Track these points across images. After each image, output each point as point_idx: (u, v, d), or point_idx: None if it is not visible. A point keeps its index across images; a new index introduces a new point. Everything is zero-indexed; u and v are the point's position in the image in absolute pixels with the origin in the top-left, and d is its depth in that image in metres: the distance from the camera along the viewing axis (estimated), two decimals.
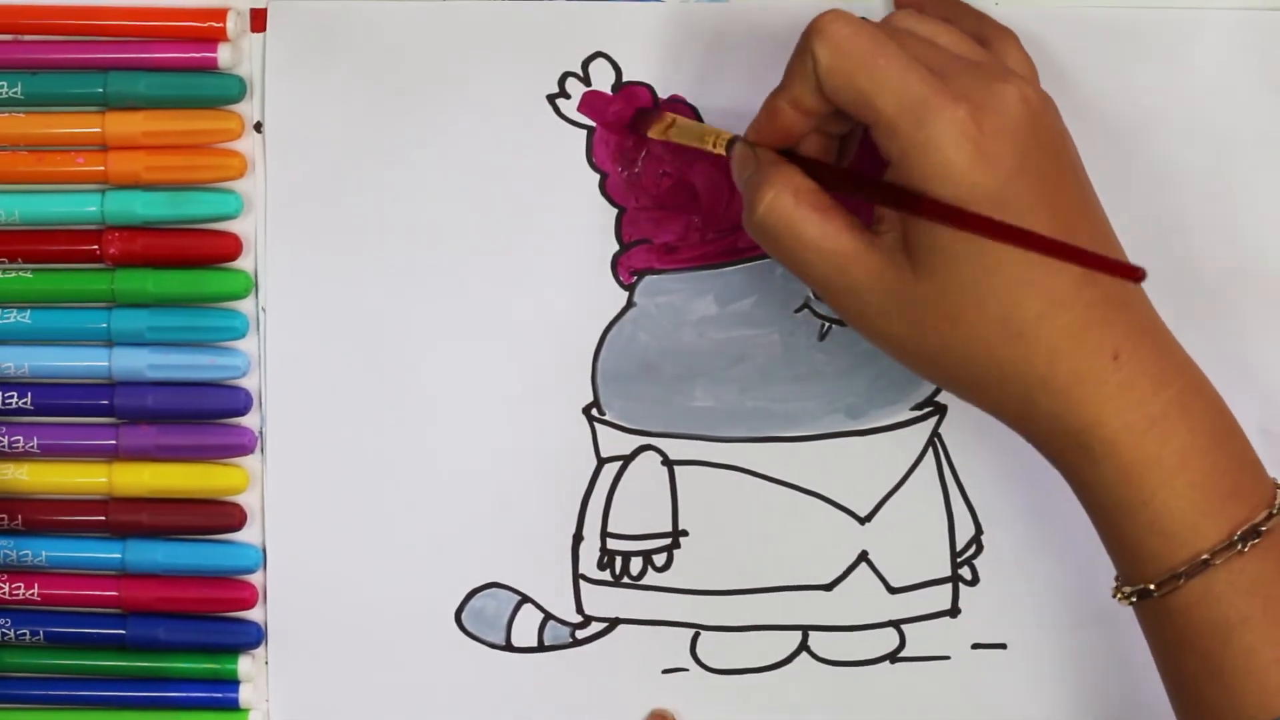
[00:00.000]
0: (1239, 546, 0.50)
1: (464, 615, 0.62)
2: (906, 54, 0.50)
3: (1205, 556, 0.50)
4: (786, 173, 0.52)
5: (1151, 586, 0.51)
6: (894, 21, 0.53)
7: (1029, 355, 0.50)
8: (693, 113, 0.60)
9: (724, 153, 0.55)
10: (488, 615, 0.62)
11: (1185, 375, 0.52)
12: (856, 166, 0.56)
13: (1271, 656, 0.50)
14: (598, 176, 0.60)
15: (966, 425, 0.61)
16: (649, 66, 0.60)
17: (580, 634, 0.62)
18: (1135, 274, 0.43)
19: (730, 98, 0.60)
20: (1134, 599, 0.52)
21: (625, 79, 0.60)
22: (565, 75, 0.60)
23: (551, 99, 0.60)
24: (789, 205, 0.51)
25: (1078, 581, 0.62)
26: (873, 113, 0.49)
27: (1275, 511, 0.51)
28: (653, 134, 0.58)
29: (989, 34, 0.55)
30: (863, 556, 0.62)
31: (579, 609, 0.62)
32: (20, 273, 0.61)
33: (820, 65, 0.50)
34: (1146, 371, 0.50)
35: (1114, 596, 0.53)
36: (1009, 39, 0.55)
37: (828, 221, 0.51)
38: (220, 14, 0.59)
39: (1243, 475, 0.51)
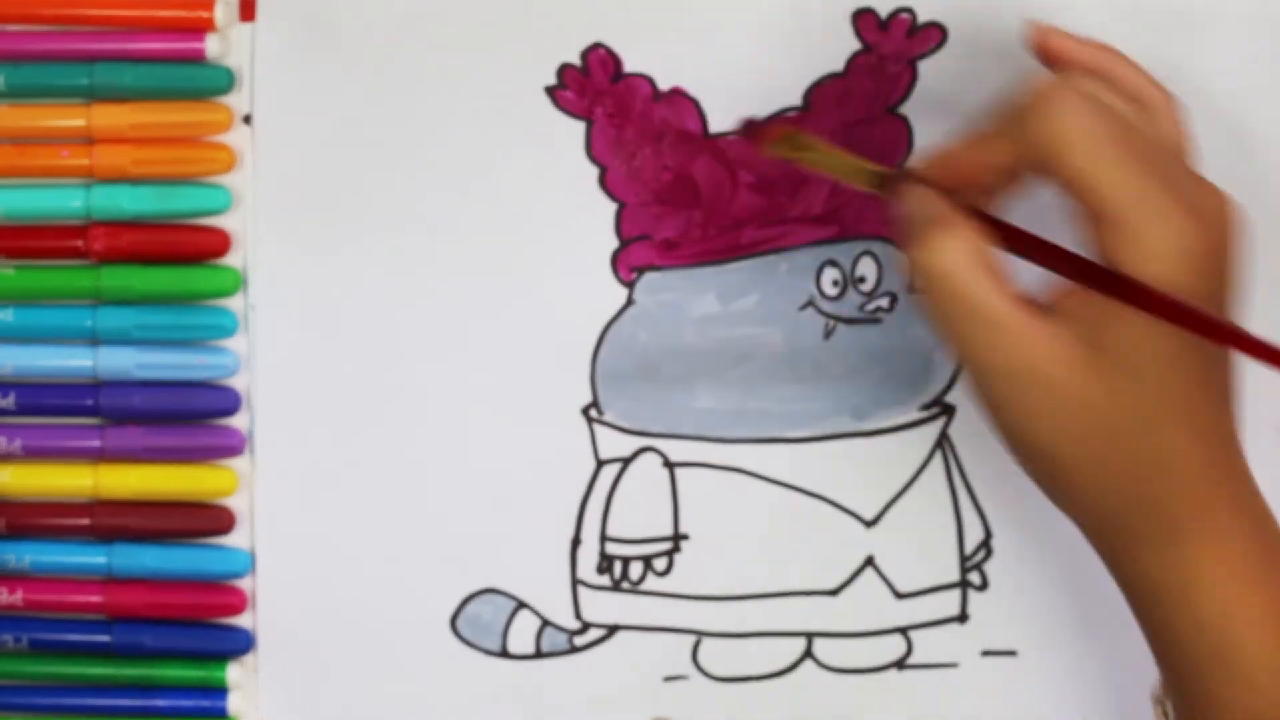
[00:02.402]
0: None
1: (459, 621, 0.61)
2: (1135, 144, 0.47)
3: None
4: (968, 226, 0.48)
5: None
6: (1073, 84, 0.49)
7: (1169, 493, 0.48)
8: (695, 105, 0.59)
9: (866, 188, 0.52)
10: (483, 621, 0.61)
11: (1272, 527, 0.50)
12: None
13: None
14: (597, 170, 0.60)
15: (975, 426, 0.60)
16: (649, 58, 0.59)
17: (578, 640, 0.62)
18: None
19: (732, 89, 0.59)
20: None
21: (625, 70, 0.59)
22: (563, 66, 0.59)
23: (549, 90, 0.59)
24: (966, 258, 0.47)
25: (1089, 587, 0.61)
26: (1098, 201, 0.46)
27: None
28: (771, 151, 0.54)
29: (1148, 98, 0.52)
30: (869, 561, 0.61)
31: (577, 615, 0.62)
32: (3, 269, 0.60)
33: (1053, 139, 0.47)
34: (1246, 518, 0.49)
35: (1154, 705, 0.53)
36: (1172, 106, 0.52)
37: (1003, 290, 0.47)
38: (208, 3, 0.59)
39: None
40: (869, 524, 0.61)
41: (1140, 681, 0.61)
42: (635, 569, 0.61)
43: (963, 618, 0.62)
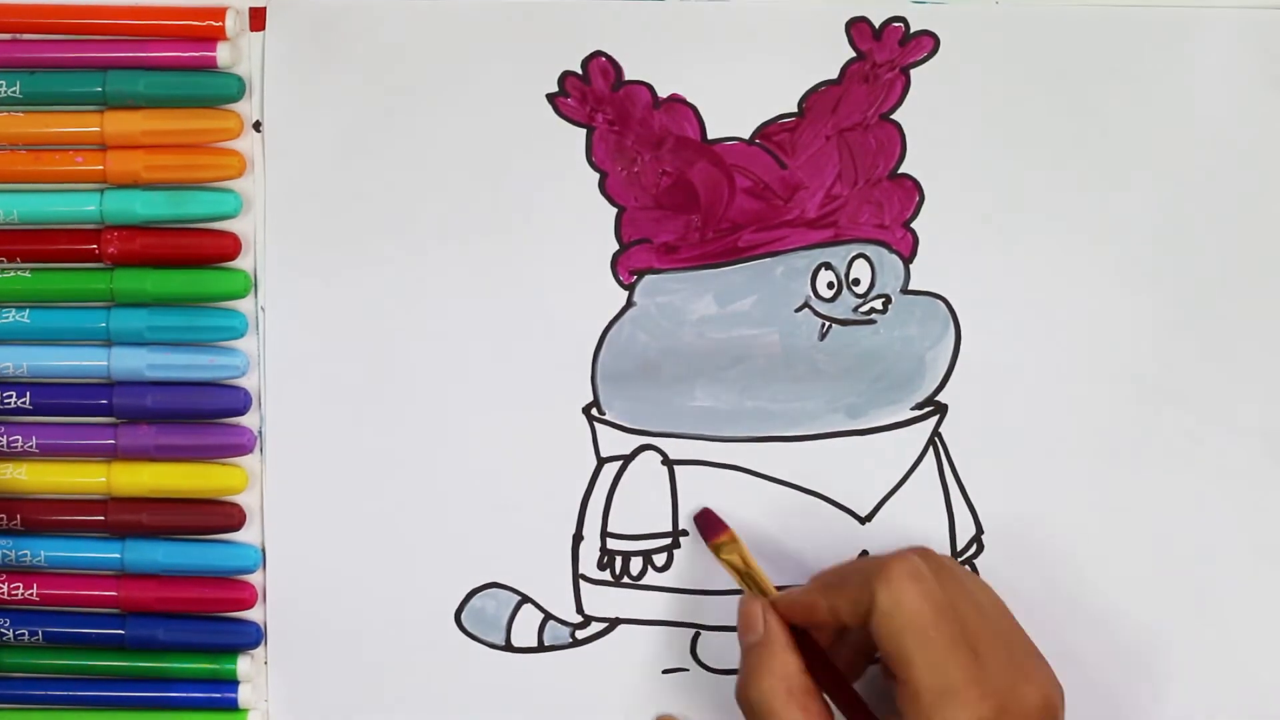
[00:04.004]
0: None
1: (464, 615, 0.62)
2: (959, 627, 0.52)
3: None
4: (786, 662, 0.54)
5: None
6: (914, 558, 0.54)
7: None
8: (693, 112, 0.60)
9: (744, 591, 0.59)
10: (488, 615, 0.62)
11: None
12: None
13: None
14: (597, 175, 0.60)
15: (967, 425, 0.61)
16: (649, 66, 0.60)
17: (580, 634, 0.62)
18: None
19: (730, 98, 0.60)
20: None
21: (625, 78, 0.60)
22: (565, 74, 0.60)
23: (551, 98, 0.60)
24: (780, 698, 0.54)
25: (1077, 581, 0.62)
26: (905, 673, 0.51)
27: None
28: (711, 546, 0.60)
29: None
30: (863, 556, 0.62)
31: (579, 609, 0.62)
32: (19, 272, 0.61)
33: (877, 609, 0.52)
34: None
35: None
36: None
37: None
38: (219, 13, 0.59)
39: None
40: (863, 520, 0.62)
41: (1125, 672, 0.62)
42: (635, 564, 0.62)
43: None
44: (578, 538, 0.62)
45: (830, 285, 0.61)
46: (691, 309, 0.61)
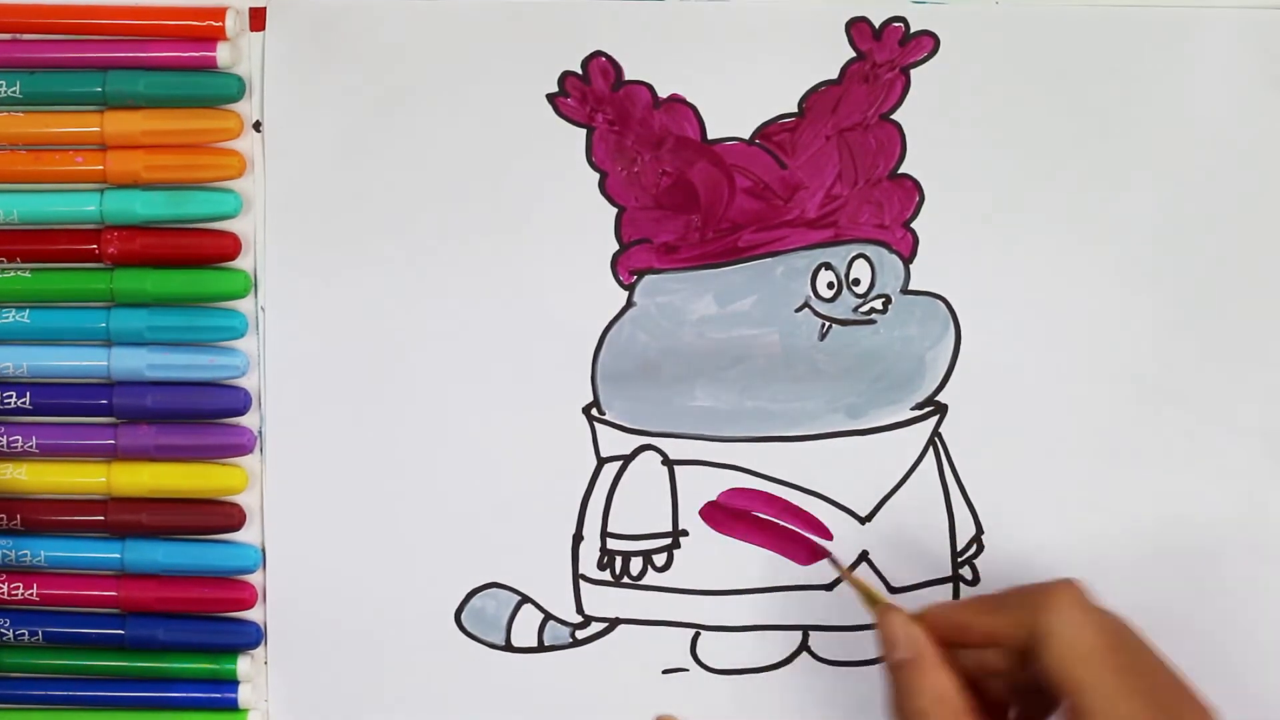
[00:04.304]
0: None
1: (464, 615, 0.62)
2: (1130, 661, 0.49)
3: None
4: (942, 682, 0.51)
5: None
6: (1080, 588, 0.52)
7: None
8: (693, 112, 0.60)
9: (871, 611, 0.55)
10: (488, 615, 0.62)
11: None
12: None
13: None
14: (597, 175, 0.60)
15: (967, 425, 0.61)
16: (649, 66, 0.60)
17: (580, 634, 0.62)
18: None
19: (730, 98, 0.60)
20: None
21: (625, 78, 0.60)
22: (565, 74, 0.60)
23: (551, 98, 0.60)
24: (943, 707, 0.51)
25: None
26: (1081, 702, 0.48)
27: None
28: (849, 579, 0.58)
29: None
30: (863, 556, 0.62)
31: (579, 609, 0.62)
32: (19, 272, 0.61)
33: (1051, 635, 0.50)
34: None
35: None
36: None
37: None
38: (219, 13, 0.59)
39: None
40: (863, 520, 0.62)
41: None
42: (635, 564, 0.62)
43: None
44: (578, 538, 0.62)
45: (830, 285, 0.61)
46: (691, 309, 0.61)
